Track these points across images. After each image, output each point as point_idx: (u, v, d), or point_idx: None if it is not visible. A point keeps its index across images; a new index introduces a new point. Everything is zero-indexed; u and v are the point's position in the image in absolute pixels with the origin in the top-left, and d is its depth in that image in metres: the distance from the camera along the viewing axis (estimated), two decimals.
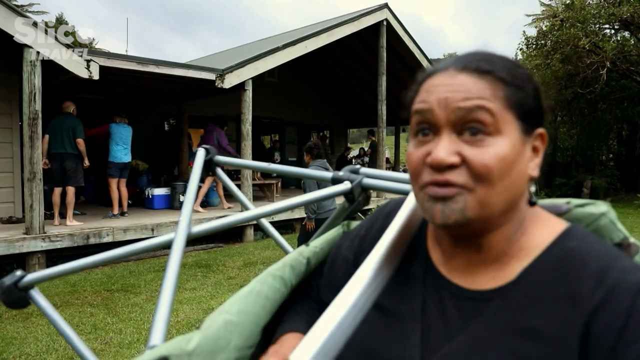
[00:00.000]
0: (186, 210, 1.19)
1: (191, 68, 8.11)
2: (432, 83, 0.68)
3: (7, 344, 3.92)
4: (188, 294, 5.28)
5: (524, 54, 15.55)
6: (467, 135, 0.64)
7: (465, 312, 0.67)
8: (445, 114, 0.64)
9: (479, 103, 0.63)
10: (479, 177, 0.62)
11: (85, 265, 1.19)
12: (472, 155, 0.63)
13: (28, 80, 6.02)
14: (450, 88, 0.65)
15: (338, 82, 15.32)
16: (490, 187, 0.63)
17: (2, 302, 1.20)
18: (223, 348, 0.74)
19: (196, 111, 11.93)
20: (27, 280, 1.21)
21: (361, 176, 1.18)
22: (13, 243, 5.95)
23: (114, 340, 3.99)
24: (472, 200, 0.63)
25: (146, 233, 7.14)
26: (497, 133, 0.63)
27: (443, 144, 0.64)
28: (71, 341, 1.19)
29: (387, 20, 11.16)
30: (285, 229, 9.38)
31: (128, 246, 1.17)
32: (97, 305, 4.91)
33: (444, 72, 0.68)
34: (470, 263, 0.70)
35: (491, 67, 0.66)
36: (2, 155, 7.17)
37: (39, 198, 6.19)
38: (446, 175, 0.63)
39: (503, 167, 0.63)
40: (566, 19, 12.66)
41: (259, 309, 0.83)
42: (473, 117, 0.63)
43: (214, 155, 1.47)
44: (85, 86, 7.88)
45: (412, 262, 0.78)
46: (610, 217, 0.74)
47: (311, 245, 0.99)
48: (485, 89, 0.64)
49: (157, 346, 0.72)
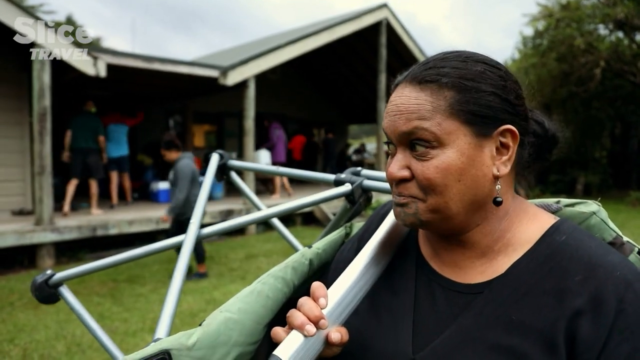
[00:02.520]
0: (197, 214, 1.24)
1: (195, 65, 8.27)
2: (390, 99, 0.74)
3: (18, 331, 4.10)
4: (191, 284, 5.46)
5: (520, 53, 15.66)
6: (414, 150, 0.68)
7: (456, 305, 0.69)
8: (394, 136, 0.70)
9: (417, 124, 0.66)
10: (424, 189, 0.67)
11: (110, 263, 1.26)
12: (416, 169, 0.68)
13: (37, 78, 6.20)
14: (396, 108, 0.70)
15: (339, 79, 15.42)
16: (439, 196, 0.67)
17: (35, 298, 1.31)
18: (223, 343, 0.77)
19: (200, 107, 12.09)
20: (57, 278, 1.28)
21: (362, 178, 1.19)
22: (24, 234, 6.15)
23: (119, 329, 4.14)
24: (422, 207, 0.68)
25: (150, 226, 7.33)
26: (441, 145, 0.66)
27: (395, 160, 0.70)
28: (96, 335, 1.24)
29: (387, 19, 11.28)
30: (285, 223, 9.57)
31: (146, 247, 1.24)
32: (103, 295, 5.09)
33: (399, 86, 0.73)
34: (458, 258, 0.73)
35: (435, 75, 0.68)
36: (13, 149, 7.36)
37: (48, 191, 6.39)
38: (399, 188, 0.71)
39: (447, 177, 0.66)
40: (562, 18, 12.76)
41: (259, 307, 0.84)
42: (414, 137, 0.67)
43: (227, 159, 1.50)
44: (93, 83, 8.06)
45: (405, 258, 0.81)
46: (601, 216, 0.74)
47: (314, 246, 1.00)
48: (425, 103, 0.67)
49: (160, 339, 0.76)
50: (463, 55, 0.71)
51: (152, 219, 7.41)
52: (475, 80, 0.67)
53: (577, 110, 14.14)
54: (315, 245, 1.01)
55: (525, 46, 15.33)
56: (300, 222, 9.78)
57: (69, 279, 1.31)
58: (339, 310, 0.72)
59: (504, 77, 0.70)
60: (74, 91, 9.11)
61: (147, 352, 0.72)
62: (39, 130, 6.27)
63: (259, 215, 1.22)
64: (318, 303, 0.69)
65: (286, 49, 9.40)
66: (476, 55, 0.72)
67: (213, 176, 1.44)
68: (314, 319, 0.67)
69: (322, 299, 0.70)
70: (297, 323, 0.66)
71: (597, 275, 0.60)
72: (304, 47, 9.73)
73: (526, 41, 15.27)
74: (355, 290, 0.75)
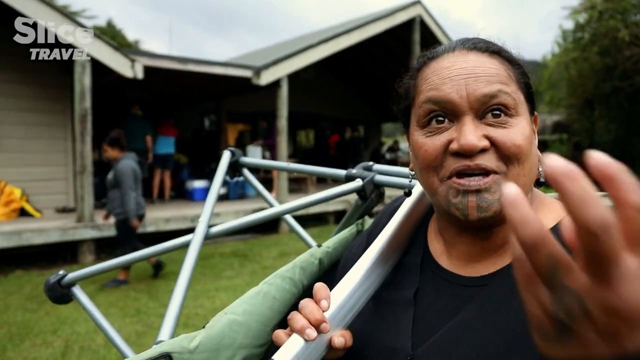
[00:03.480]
0: (205, 212, 1.20)
1: (229, 66, 8.42)
2: (440, 65, 0.66)
3: (60, 323, 4.27)
4: (225, 282, 5.56)
5: (560, 47, 15.20)
6: (489, 118, 0.62)
7: (459, 298, 0.66)
8: (468, 101, 0.61)
9: (501, 88, 0.61)
10: (509, 158, 0.61)
11: (117, 264, 1.28)
12: (501, 136, 0.61)
13: (79, 81, 6.43)
14: (467, 70, 0.63)
15: (372, 77, 15.34)
16: (521, 167, 0.61)
17: (48, 298, 1.33)
18: (227, 346, 0.75)
19: (234, 107, 12.25)
20: (69, 278, 1.29)
21: (373, 173, 1.15)
22: (66, 231, 6.40)
23: (155, 324, 4.25)
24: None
25: (186, 223, 7.49)
26: (517, 114, 0.62)
27: (470, 129, 0.61)
28: (107, 333, 1.25)
29: (421, 16, 11.15)
30: (319, 221, 9.61)
31: (153, 247, 1.23)
32: (140, 291, 5.24)
33: (450, 54, 0.66)
34: (475, 252, 0.69)
35: (498, 48, 0.66)
36: (57, 150, 7.66)
37: (89, 190, 6.63)
38: (477, 161, 0.60)
39: (529, 146, 0.62)
40: (605, 10, 12.31)
41: (265, 309, 0.82)
42: (497, 101, 0.61)
43: (239, 156, 1.48)
44: (131, 85, 8.30)
45: (411, 254, 0.79)
46: None
47: (324, 245, 0.98)
48: (501, 70, 0.63)
49: (162, 342, 0.74)
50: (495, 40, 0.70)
51: (187, 217, 7.58)
52: (522, 65, 0.68)
53: (621, 105, 13.62)
54: (325, 244, 0.99)
55: (566, 40, 14.89)
56: (333, 220, 9.79)
57: (81, 279, 1.31)
58: (342, 313, 0.69)
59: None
60: (113, 93, 9.40)
61: (147, 355, 0.69)
62: (80, 131, 6.50)
63: (271, 212, 1.18)
64: (320, 305, 0.66)
65: (318, 48, 9.42)
66: None
67: (224, 174, 1.41)
68: (315, 323, 0.64)
69: (324, 301, 0.67)
70: (297, 327, 0.63)
71: None
72: (336, 46, 9.73)
73: (566, 35, 14.83)
74: (360, 291, 0.72)
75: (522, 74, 0.66)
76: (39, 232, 6.20)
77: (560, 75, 15.55)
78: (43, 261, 6.47)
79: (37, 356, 3.60)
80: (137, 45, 33.86)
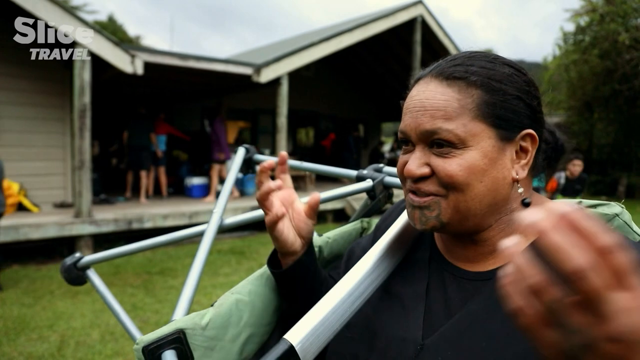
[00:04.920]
0: (221, 203, 1.25)
1: (229, 63, 8.40)
2: (411, 93, 0.72)
3: (57, 318, 4.27)
4: (222, 278, 5.57)
5: (561, 49, 15.20)
6: (434, 148, 0.67)
7: (466, 292, 0.69)
8: (415, 134, 0.68)
9: (442, 125, 0.65)
10: (446, 186, 0.66)
11: (132, 249, 1.32)
12: (438, 166, 0.66)
13: (78, 76, 6.43)
14: (420, 103, 0.68)
15: (372, 76, 15.35)
16: (461, 194, 0.66)
17: (63, 279, 1.37)
18: (235, 323, 0.81)
19: (235, 104, 12.26)
20: (85, 261, 1.34)
21: (383, 174, 1.19)
22: (64, 226, 6.40)
23: (151, 319, 4.26)
24: (445, 206, 0.67)
25: (184, 220, 7.51)
26: (464, 146, 0.65)
27: (414, 158, 0.68)
28: (119, 316, 1.29)
29: (422, 16, 11.15)
30: (317, 219, 9.59)
31: (168, 235, 1.28)
32: (137, 286, 5.25)
33: (421, 81, 0.71)
34: (470, 254, 0.73)
35: (464, 72, 0.67)
36: (55, 144, 7.64)
37: (87, 185, 6.63)
38: (419, 185, 0.68)
39: (469, 176, 0.65)
40: (606, 13, 12.31)
41: (268, 290, 0.88)
42: (438, 137, 0.66)
43: (253, 153, 1.51)
44: (131, 81, 8.30)
45: (419, 249, 0.82)
46: (624, 218, 0.72)
47: (324, 235, 1.01)
48: (452, 101, 0.66)
49: (176, 320, 0.79)
50: (491, 56, 0.70)
51: (186, 214, 7.59)
52: (503, 82, 0.67)
53: (620, 108, 13.64)
54: (326, 234, 1.02)
55: (566, 42, 14.90)
56: (331, 219, 9.80)
57: (96, 263, 1.36)
58: (351, 299, 0.72)
59: (529, 83, 0.70)
60: (113, 89, 9.40)
61: (163, 332, 0.74)
62: (79, 126, 6.50)
63: None
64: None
65: (319, 47, 9.42)
66: (502, 57, 0.71)
67: (238, 169, 1.45)
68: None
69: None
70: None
71: None
72: (337, 44, 9.72)
73: (567, 37, 14.84)
74: (369, 280, 0.75)
75: (491, 97, 0.65)
76: (36, 227, 6.20)
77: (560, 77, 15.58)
78: (40, 256, 6.47)
79: (33, 351, 3.60)
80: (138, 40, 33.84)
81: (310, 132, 16.87)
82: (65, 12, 6.14)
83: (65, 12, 6.15)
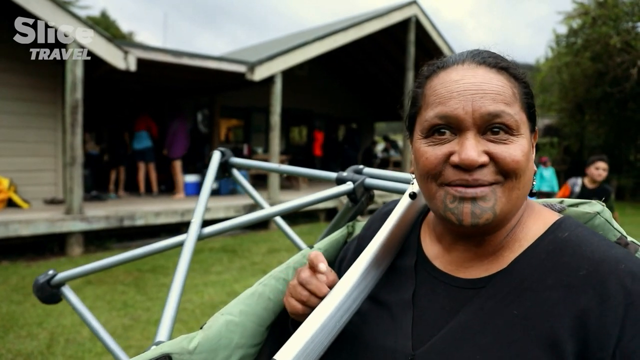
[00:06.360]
0: (198, 213, 1.21)
1: (223, 61, 8.36)
2: (449, 78, 0.67)
3: (46, 315, 4.24)
4: (213, 277, 5.54)
5: (553, 51, 15.30)
6: (489, 134, 0.64)
7: (457, 300, 0.67)
8: (473, 117, 0.63)
9: (505, 109, 0.63)
10: (507, 173, 0.63)
11: (108, 264, 1.24)
12: (501, 152, 0.63)
13: (70, 71, 6.36)
14: (475, 86, 0.64)
15: (366, 76, 15.36)
16: (517, 181, 0.64)
17: (37, 298, 1.30)
18: (225, 346, 0.78)
19: (228, 102, 12.22)
20: (59, 278, 1.27)
21: (364, 176, 1.17)
22: (54, 223, 6.34)
23: (142, 317, 4.24)
24: (502, 196, 0.63)
25: (176, 217, 7.47)
26: (518, 132, 0.64)
27: (471, 145, 0.63)
28: (99, 334, 1.24)
29: (416, 17, 11.17)
30: (310, 218, 9.62)
31: (145, 247, 1.23)
32: (128, 284, 5.20)
33: (460, 66, 0.68)
34: (467, 257, 0.71)
35: (507, 64, 0.67)
36: (46, 140, 7.58)
37: (78, 181, 6.57)
38: (475, 175, 0.63)
39: (526, 162, 0.64)
40: (598, 16, 12.41)
41: (260, 310, 0.85)
42: (499, 121, 0.63)
43: (229, 157, 1.48)
44: (124, 77, 8.26)
45: (405, 257, 0.80)
46: (605, 216, 0.73)
47: (315, 247, 0.99)
48: (506, 88, 0.65)
49: (162, 343, 0.77)
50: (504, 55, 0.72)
51: (177, 211, 7.55)
52: (527, 80, 0.70)
53: (611, 111, 13.77)
54: (317, 245, 1.01)
55: (559, 44, 15.01)
56: (323, 218, 9.80)
57: (71, 279, 1.30)
58: (339, 313, 0.72)
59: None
60: (106, 85, 9.33)
61: (148, 356, 0.71)
62: (71, 122, 6.44)
63: (261, 214, 1.18)
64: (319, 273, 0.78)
65: (313, 45, 9.41)
66: None
67: (214, 174, 1.42)
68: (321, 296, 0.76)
69: (322, 265, 0.78)
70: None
71: (601, 270, 0.58)
72: (331, 43, 9.72)
73: (560, 39, 14.95)
74: (356, 293, 0.75)
75: (526, 93, 0.68)
76: (26, 223, 6.14)
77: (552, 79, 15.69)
78: (30, 253, 6.41)
79: (22, 348, 3.57)
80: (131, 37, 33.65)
81: (303, 131, 16.87)
82: (57, 6, 6.08)
83: (58, 6, 6.09)
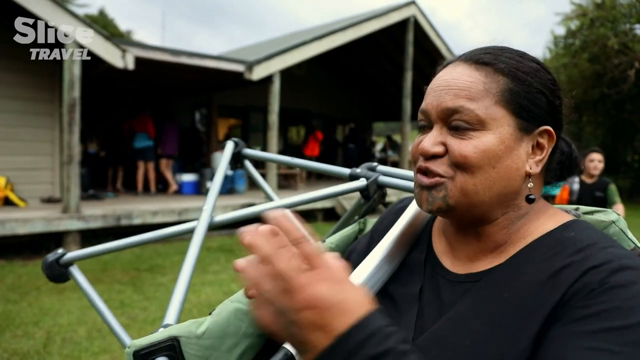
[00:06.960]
0: (210, 200, 1.22)
1: (221, 60, 8.37)
2: (437, 77, 0.72)
3: (43, 314, 4.22)
4: (210, 276, 5.53)
5: (551, 52, 15.34)
6: (454, 129, 0.67)
7: (456, 293, 0.69)
8: (436, 111, 0.68)
9: (464, 104, 0.66)
10: (457, 166, 0.66)
11: (118, 246, 1.28)
12: (453, 145, 0.66)
13: (68, 70, 6.35)
14: (445, 83, 0.69)
15: (365, 76, 15.37)
16: (470, 176, 0.65)
17: (45, 276, 1.32)
18: (232, 334, 0.78)
19: (226, 101, 12.21)
20: (67, 257, 1.30)
21: (377, 174, 1.18)
22: (51, 221, 6.33)
23: (139, 317, 4.23)
24: (452, 188, 0.66)
25: (173, 217, 7.46)
26: (483, 128, 0.65)
27: (430, 136, 0.69)
28: (103, 315, 1.26)
29: (415, 17, 11.18)
30: (307, 218, 9.63)
31: (157, 231, 1.24)
32: (125, 283, 5.20)
33: (450, 64, 0.72)
34: (472, 252, 0.72)
35: (493, 59, 0.69)
36: (44, 139, 7.56)
37: (75, 180, 6.56)
38: (429, 164, 0.68)
39: (483, 159, 0.65)
40: (596, 18, 12.44)
41: None
42: (457, 116, 0.66)
43: (242, 147, 1.47)
44: (122, 76, 8.24)
45: (416, 252, 0.82)
46: (620, 226, 0.72)
47: (327, 241, 0.99)
48: (478, 83, 0.67)
49: (170, 326, 0.77)
50: (520, 51, 0.72)
51: (175, 210, 7.55)
52: (529, 75, 0.68)
53: (609, 112, 13.81)
54: (328, 240, 1.00)
55: (557, 45, 15.04)
56: (321, 217, 9.81)
57: (80, 259, 1.32)
58: None
59: (554, 82, 0.71)
60: (104, 84, 9.31)
61: (156, 338, 0.72)
62: (68, 121, 6.42)
63: (272, 206, 1.19)
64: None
65: (312, 45, 9.41)
66: (530, 55, 0.73)
67: (227, 164, 1.41)
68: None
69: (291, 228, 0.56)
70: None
71: (591, 256, 0.59)
72: (330, 43, 9.72)
73: (557, 40, 14.98)
74: (367, 288, 0.75)
75: (516, 86, 0.67)
76: (23, 221, 6.12)
77: None
78: (27, 251, 6.39)
79: (18, 347, 3.55)
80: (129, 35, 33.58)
81: (301, 131, 16.86)
82: (55, 4, 6.06)
83: (56, 4, 6.07)
